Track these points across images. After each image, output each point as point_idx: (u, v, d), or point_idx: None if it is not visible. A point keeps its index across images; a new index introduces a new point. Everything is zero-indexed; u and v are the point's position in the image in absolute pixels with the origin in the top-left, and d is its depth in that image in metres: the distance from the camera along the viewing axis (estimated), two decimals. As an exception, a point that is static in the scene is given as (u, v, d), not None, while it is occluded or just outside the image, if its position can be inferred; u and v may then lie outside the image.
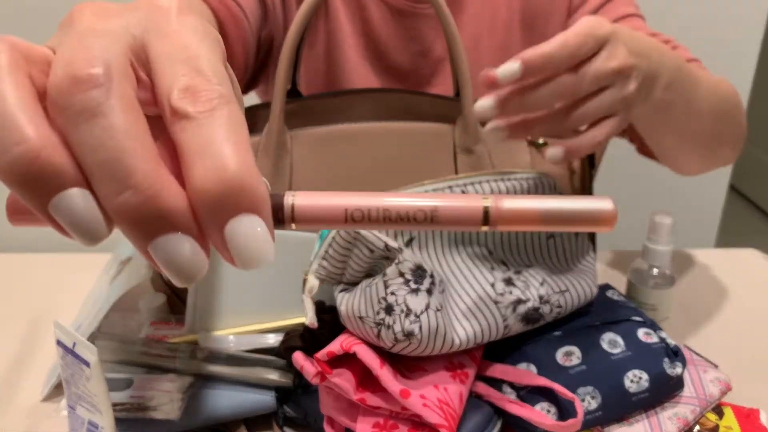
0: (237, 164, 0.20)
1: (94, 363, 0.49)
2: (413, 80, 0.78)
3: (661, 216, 0.68)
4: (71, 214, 0.21)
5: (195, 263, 0.21)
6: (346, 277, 0.53)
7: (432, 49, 0.77)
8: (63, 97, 0.20)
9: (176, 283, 0.22)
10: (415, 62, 0.78)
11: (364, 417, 0.51)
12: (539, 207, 0.24)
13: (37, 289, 0.85)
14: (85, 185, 0.21)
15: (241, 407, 0.58)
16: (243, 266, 0.21)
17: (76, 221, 0.21)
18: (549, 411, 0.53)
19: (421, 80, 0.79)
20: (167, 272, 0.21)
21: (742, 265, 0.92)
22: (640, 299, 0.70)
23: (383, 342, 0.50)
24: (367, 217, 0.23)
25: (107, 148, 0.20)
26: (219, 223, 0.21)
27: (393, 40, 0.76)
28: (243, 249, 0.21)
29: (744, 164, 2.64)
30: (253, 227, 0.21)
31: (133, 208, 0.20)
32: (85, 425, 0.53)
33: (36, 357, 0.72)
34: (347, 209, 0.23)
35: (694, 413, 0.56)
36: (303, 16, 0.61)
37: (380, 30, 0.76)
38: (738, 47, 1.35)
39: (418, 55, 0.77)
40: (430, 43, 0.77)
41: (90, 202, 0.21)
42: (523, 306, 0.54)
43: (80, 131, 0.20)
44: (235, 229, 0.21)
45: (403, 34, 0.76)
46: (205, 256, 0.22)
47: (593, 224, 0.24)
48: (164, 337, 0.63)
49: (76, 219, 0.21)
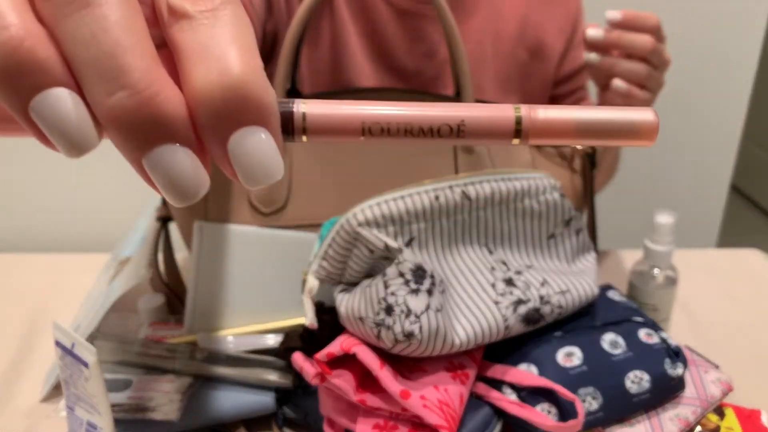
0: (241, 67, 0.18)
1: (93, 364, 0.49)
2: (418, 81, 0.78)
3: (663, 216, 0.68)
4: (55, 116, 0.18)
5: (195, 179, 0.19)
6: (345, 277, 0.53)
7: (437, 51, 0.77)
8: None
9: (174, 203, 0.20)
10: (420, 63, 0.77)
11: (364, 418, 0.51)
12: (576, 117, 0.22)
13: (35, 290, 0.85)
14: (74, 87, 0.18)
15: (241, 408, 0.58)
16: (248, 184, 0.20)
17: (60, 125, 0.18)
18: (549, 412, 0.52)
19: (427, 81, 0.79)
20: (164, 190, 0.19)
21: (743, 265, 0.92)
22: (641, 299, 0.70)
23: (383, 343, 0.50)
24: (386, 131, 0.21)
25: (99, 41, 0.18)
26: (221, 134, 0.19)
27: (398, 41, 0.76)
28: (249, 165, 0.19)
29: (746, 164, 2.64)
30: (259, 140, 0.19)
31: (127, 111, 0.18)
32: (83, 426, 0.53)
33: (35, 357, 0.71)
34: (364, 122, 0.21)
35: (695, 414, 0.56)
36: (303, 14, 0.61)
37: (385, 31, 0.76)
38: (739, 46, 1.35)
39: (423, 56, 0.77)
40: (435, 44, 0.77)
41: (77, 103, 0.18)
42: (523, 306, 0.54)
43: (70, 23, 0.18)
44: (239, 142, 0.19)
45: (408, 35, 0.76)
46: (206, 172, 0.20)
47: (633, 137, 0.22)
48: (163, 338, 0.63)
49: (61, 122, 0.18)
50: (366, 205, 0.52)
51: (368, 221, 0.51)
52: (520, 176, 0.57)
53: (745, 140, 1.48)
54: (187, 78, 0.19)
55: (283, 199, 0.65)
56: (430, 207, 0.53)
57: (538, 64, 0.82)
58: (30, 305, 0.82)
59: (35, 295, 0.84)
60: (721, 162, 1.47)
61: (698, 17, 1.33)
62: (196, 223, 0.62)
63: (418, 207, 0.53)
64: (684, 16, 1.32)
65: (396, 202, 0.52)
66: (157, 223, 0.71)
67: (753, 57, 1.37)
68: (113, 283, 0.68)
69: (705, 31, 1.34)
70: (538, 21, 0.81)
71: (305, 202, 0.65)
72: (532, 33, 0.81)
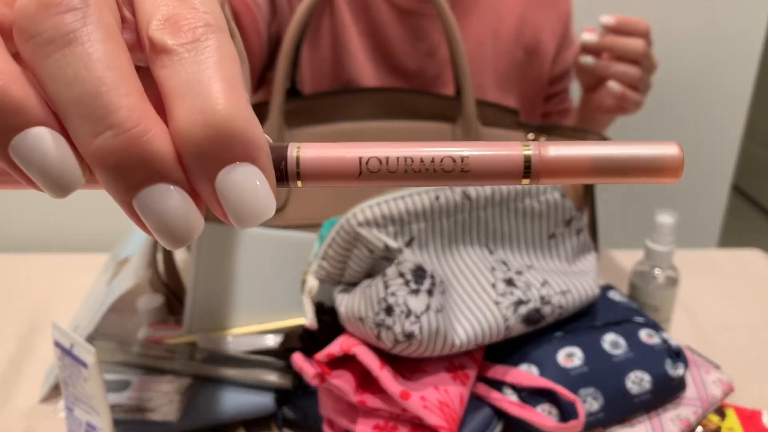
0: (224, 103, 0.18)
1: (92, 364, 0.49)
2: (419, 80, 0.78)
3: (664, 216, 0.67)
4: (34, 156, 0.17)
5: (187, 220, 0.18)
6: (345, 277, 0.53)
7: (439, 50, 0.77)
8: (31, 22, 0.17)
9: (167, 245, 0.19)
10: (421, 62, 0.77)
11: (364, 419, 0.51)
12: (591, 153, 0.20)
13: (35, 290, 0.85)
14: (56, 126, 0.18)
15: (240, 409, 0.58)
16: (239, 224, 0.19)
17: (41, 165, 0.18)
18: (550, 412, 0.52)
19: (428, 81, 0.79)
20: (155, 232, 0.18)
21: (745, 265, 0.92)
22: (642, 300, 0.70)
23: (383, 343, 0.49)
24: (385, 167, 0.19)
25: (83, 80, 0.17)
26: (208, 173, 0.18)
27: (399, 41, 0.76)
28: (237, 204, 0.18)
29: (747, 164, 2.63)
30: (248, 178, 0.18)
31: (114, 152, 0.17)
32: (83, 427, 0.53)
33: (34, 358, 0.71)
34: (362, 158, 0.19)
35: (696, 414, 0.56)
36: (302, 14, 0.61)
37: (386, 30, 0.76)
38: (740, 46, 1.35)
39: (424, 55, 0.77)
40: (436, 43, 0.77)
41: (59, 142, 0.18)
42: (524, 307, 0.54)
43: (51, 63, 0.17)
44: (226, 179, 0.18)
45: (409, 34, 0.76)
46: (200, 213, 0.19)
47: (655, 174, 0.20)
48: (162, 339, 0.63)
49: (41, 162, 0.18)
50: (366, 205, 0.52)
51: (368, 221, 0.51)
52: None
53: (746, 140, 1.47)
54: (171, 116, 0.18)
55: (283, 199, 0.65)
56: (430, 207, 0.53)
57: (533, 64, 0.83)
58: (29, 305, 0.81)
59: (35, 296, 0.84)
60: (722, 162, 1.47)
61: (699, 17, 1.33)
62: (195, 223, 0.62)
63: (419, 207, 0.52)
64: (685, 16, 1.32)
65: (396, 202, 0.52)
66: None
67: (754, 56, 1.37)
68: (112, 283, 0.68)
69: (706, 31, 1.34)
70: (534, 21, 0.81)
71: (305, 202, 0.65)
72: (528, 32, 0.81)
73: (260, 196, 0.18)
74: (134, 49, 0.20)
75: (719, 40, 1.34)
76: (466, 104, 0.65)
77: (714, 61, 1.36)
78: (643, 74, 0.71)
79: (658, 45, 1.34)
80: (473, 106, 0.65)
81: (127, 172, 0.17)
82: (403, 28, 0.76)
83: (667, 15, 1.31)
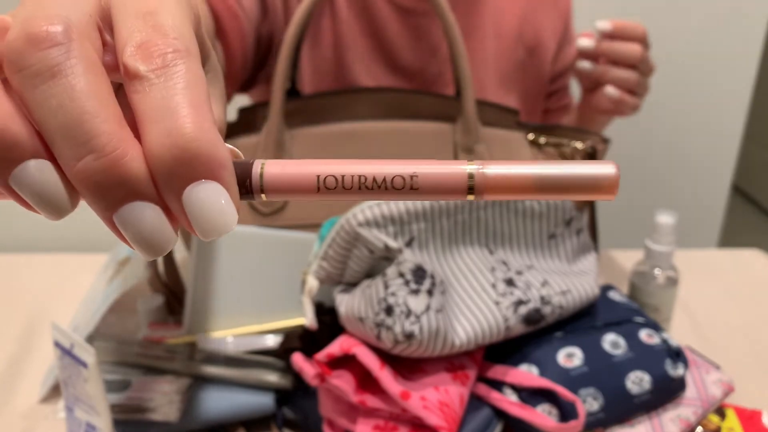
0: (191, 126, 0.19)
1: (92, 364, 0.49)
2: (421, 78, 0.78)
3: (664, 216, 0.67)
4: (31, 187, 0.20)
5: (161, 233, 0.20)
6: (345, 277, 0.53)
7: (441, 48, 0.77)
8: (19, 56, 0.19)
9: (145, 256, 0.21)
10: (423, 61, 0.78)
11: (364, 419, 0.51)
12: (532, 173, 0.22)
13: (35, 290, 0.85)
14: (46, 155, 0.20)
15: (240, 409, 0.58)
16: (202, 235, 0.21)
17: (37, 195, 0.20)
18: (550, 413, 0.52)
19: (429, 79, 0.79)
20: (134, 244, 0.20)
21: (745, 265, 0.92)
22: (642, 300, 0.70)
23: (383, 343, 0.49)
24: (341, 185, 0.22)
25: (66, 110, 0.19)
26: (176, 190, 0.20)
27: (401, 40, 0.76)
28: (200, 217, 0.20)
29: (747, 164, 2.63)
30: (211, 194, 0.20)
31: (94, 174, 0.19)
32: (82, 427, 0.53)
33: (34, 358, 0.71)
34: (320, 176, 0.22)
35: (696, 415, 0.56)
36: (302, 15, 0.61)
37: (388, 29, 0.76)
38: (739, 46, 1.35)
39: (426, 53, 0.77)
40: (438, 41, 0.77)
41: (50, 173, 0.20)
42: (524, 307, 0.54)
43: (38, 93, 0.19)
44: (191, 196, 0.20)
45: (411, 33, 0.76)
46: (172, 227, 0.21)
47: (592, 191, 0.22)
48: (162, 339, 0.63)
49: (37, 192, 0.20)
50: (366, 205, 0.52)
51: (368, 221, 0.51)
52: None
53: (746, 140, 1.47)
54: (143, 138, 0.20)
55: (283, 200, 0.65)
56: (430, 207, 0.53)
57: (534, 62, 0.83)
58: (29, 306, 0.82)
59: (34, 296, 0.84)
60: (722, 162, 1.47)
61: (699, 17, 1.33)
62: (195, 224, 0.62)
63: (419, 207, 0.52)
64: (685, 17, 1.32)
65: (396, 202, 0.52)
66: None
67: (754, 57, 1.37)
68: (112, 283, 0.68)
69: (706, 32, 1.34)
70: (535, 20, 0.82)
71: (305, 203, 0.65)
72: (530, 31, 0.81)
73: (223, 211, 0.20)
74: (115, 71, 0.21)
75: (719, 41, 1.35)
76: (466, 104, 0.65)
77: (714, 63, 1.36)
78: (640, 78, 0.72)
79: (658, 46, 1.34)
80: (473, 106, 0.65)
81: (107, 192, 0.19)
82: (405, 27, 0.76)
83: (667, 16, 1.31)
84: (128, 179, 0.19)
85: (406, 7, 0.75)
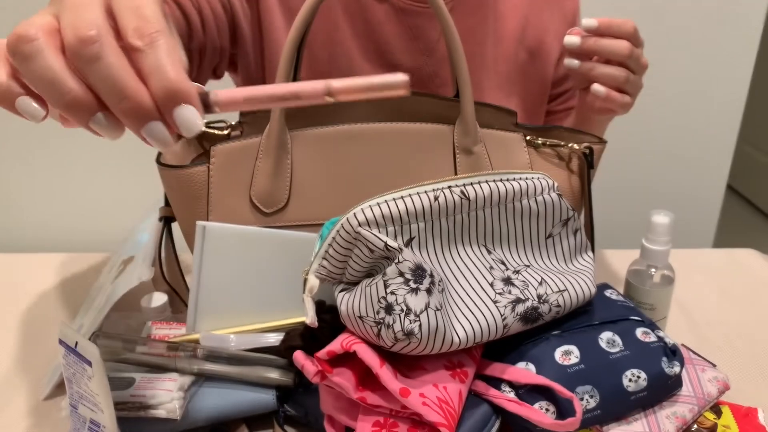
0: (173, 75, 0.33)
1: (96, 362, 0.49)
2: (417, 79, 0.79)
3: (660, 216, 0.68)
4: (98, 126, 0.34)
5: (166, 137, 0.35)
6: (346, 276, 0.54)
7: (436, 48, 0.78)
8: (76, 52, 0.32)
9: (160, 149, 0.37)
10: (418, 61, 0.78)
11: (364, 416, 0.51)
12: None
13: (39, 289, 0.86)
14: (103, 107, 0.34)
15: (242, 406, 0.59)
16: (186, 134, 0.34)
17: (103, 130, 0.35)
18: (548, 410, 0.53)
19: (425, 78, 0.79)
20: (153, 144, 0.35)
21: (740, 264, 0.93)
22: (638, 299, 0.71)
23: (383, 341, 0.50)
24: (260, 100, 0.35)
25: (108, 77, 0.32)
26: (169, 111, 0.34)
27: (396, 40, 0.77)
28: (183, 125, 0.34)
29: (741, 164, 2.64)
30: (188, 112, 0.34)
31: (129, 109, 0.33)
32: (86, 424, 0.53)
33: (38, 356, 0.72)
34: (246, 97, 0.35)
35: (692, 412, 0.57)
36: (305, 14, 0.62)
37: (383, 30, 0.76)
38: (735, 47, 1.36)
39: (421, 53, 0.78)
40: (434, 41, 0.77)
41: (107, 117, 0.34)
42: (521, 305, 0.54)
43: (92, 71, 0.32)
44: (178, 114, 0.34)
45: (406, 33, 0.76)
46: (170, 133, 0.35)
47: (387, 90, 0.33)
48: (166, 337, 0.64)
49: (103, 128, 0.35)
50: (366, 205, 0.52)
51: (368, 221, 0.51)
52: (518, 176, 0.58)
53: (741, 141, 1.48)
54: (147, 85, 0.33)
55: (285, 200, 0.65)
56: (429, 207, 0.54)
57: (537, 65, 0.83)
58: (33, 304, 0.82)
59: (38, 295, 0.84)
60: (718, 163, 1.48)
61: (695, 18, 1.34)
62: (198, 223, 0.62)
63: (418, 207, 0.53)
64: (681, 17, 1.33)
65: (396, 202, 0.52)
66: (159, 222, 0.72)
67: (749, 58, 1.37)
68: (116, 282, 0.68)
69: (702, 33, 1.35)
70: (538, 22, 0.81)
71: (306, 203, 0.66)
72: (532, 34, 0.81)
73: (195, 120, 0.34)
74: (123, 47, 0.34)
75: (715, 42, 1.35)
76: (465, 106, 0.65)
77: (710, 64, 1.36)
78: (629, 76, 0.70)
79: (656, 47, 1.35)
80: (472, 108, 0.65)
81: (135, 118, 0.33)
82: (400, 27, 0.76)
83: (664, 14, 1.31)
84: (144, 109, 0.33)
85: (402, 7, 0.75)
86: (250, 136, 0.66)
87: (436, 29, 0.77)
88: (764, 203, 2.62)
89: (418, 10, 0.75)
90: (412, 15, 0.76)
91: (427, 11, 0.76)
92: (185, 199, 0.66)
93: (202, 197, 0.65)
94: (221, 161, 0.65)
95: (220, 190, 0.65)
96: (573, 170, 0.70)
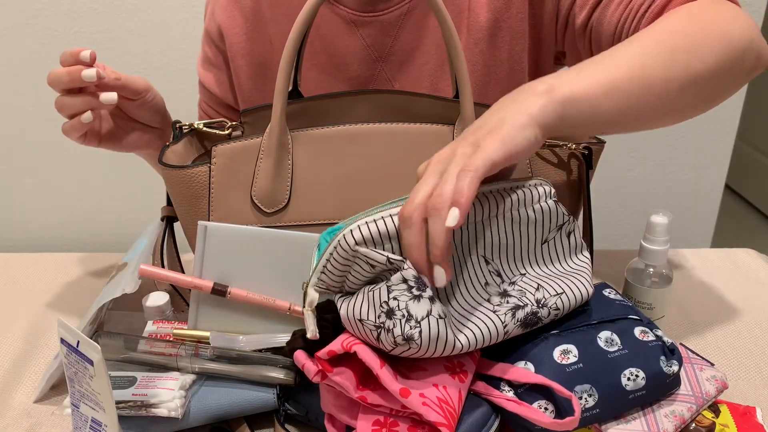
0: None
1: (98, 361, 0.49)
2: (375, 85, 0.79)
3: (658, 216, 0.68)
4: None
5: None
6: (346, 287, 0.53)
7: (391, 53, 0.77)
8: (406, 221, 0.48)
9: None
10: (374, 68, 0.78)
11: (364, 415, 0.52)
12: None
13: (41, 289, 0.86)
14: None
15: (243, 405, 0.59)
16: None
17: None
18: (547, 409, 0.53)
19: (384, 84, 0.79)
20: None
21: (738, 264, 0.93)
22: (636, 298, 0.71)
23: (382, 345, 0.50)
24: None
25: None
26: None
27: (350, 51, 0.77)
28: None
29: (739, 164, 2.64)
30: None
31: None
32: (88, 423, 0.53)
33: (39, 356, 0.72)
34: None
35: (690, 411, 0.57)
36: (304, 17, 0.62)
37: (337, 45, 0.77)
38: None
39: (377, 61, 0.78)
40: (388, 47, 0.77)
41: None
42: (521, 311, 0.54)
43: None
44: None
45: (359, 43, 0.77)
46: None
47: None
48: (167, 336, 0.64)
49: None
50: (362, 221, 0.51)
51: (365, 240, 0.50)
52: (515, 184, 0.57)
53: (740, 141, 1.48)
54: None
55: (285, 200, 0.65)
56: None
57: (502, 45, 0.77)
58: (35, 304, 0.82)
59: (40, 295, 0.84)
60: (716, 163, 1.48)
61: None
62: (199, 223, 0.63)
63: None
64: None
65: (393, 218, 0.51)
66: (161, 222, 0.72)
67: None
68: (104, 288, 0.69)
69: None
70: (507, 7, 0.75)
71: (307, 203, 0.66)
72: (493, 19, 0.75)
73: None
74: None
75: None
76: (465, 106, 0.65)
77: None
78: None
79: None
80: (472, 108, 0.65)
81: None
82: (353, 38, 0.77)
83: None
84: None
85: (353, 19, 0.75)
86: (251, 136, 0.66)
87: (389, 35, 0.76)
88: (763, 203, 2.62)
89: (368, 20, 0.76)
90: (363, 25, 0.76)
91: (378, 19, 0.75)
92: (187, 199, 0.66)
93: (204, 197, 0.66)
94: (223, 161, 0.65)
95: (222, 190, 0.65)
96: (572, 171, 0.70)
